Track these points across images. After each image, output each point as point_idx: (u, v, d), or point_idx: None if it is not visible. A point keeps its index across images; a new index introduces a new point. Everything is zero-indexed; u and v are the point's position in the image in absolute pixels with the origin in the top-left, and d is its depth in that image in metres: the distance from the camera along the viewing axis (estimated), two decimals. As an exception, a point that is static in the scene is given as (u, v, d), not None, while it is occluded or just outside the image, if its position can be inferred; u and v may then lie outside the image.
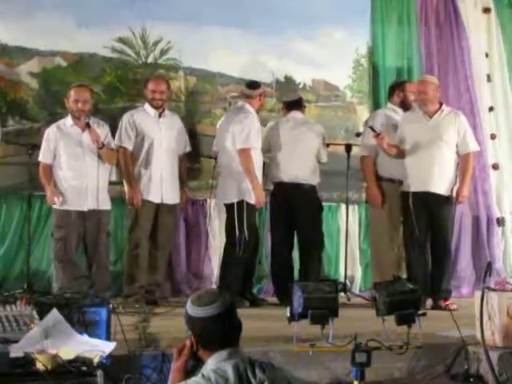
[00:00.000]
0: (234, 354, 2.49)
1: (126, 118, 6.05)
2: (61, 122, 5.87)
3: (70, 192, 5.74)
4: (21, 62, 6.44)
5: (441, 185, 5.97)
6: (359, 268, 7.03)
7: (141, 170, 6.01)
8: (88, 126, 5.69)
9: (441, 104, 6.15)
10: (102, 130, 5.87)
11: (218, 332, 2.51)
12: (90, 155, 5.76)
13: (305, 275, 6.07)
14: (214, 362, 2.47)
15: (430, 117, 6.07)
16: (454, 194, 5.98)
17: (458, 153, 6.05)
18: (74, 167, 5.77)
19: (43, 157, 5.80)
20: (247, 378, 2.42)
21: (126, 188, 5.99)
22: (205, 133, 6.92)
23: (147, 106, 6.11)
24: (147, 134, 6.00)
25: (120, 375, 3.42)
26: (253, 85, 6.23)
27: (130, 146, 5.98)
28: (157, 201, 6.01)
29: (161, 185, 6.02)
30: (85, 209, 5.73)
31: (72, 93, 5.79)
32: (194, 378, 2.44)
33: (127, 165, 5.97)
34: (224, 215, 6.24)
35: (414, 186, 5.99)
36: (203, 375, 2.42)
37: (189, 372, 2.59)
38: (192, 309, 2.55)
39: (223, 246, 6.29)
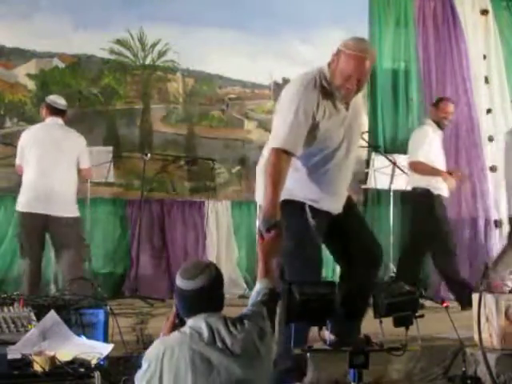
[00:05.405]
0: (210, 315, 2.61)
1: None
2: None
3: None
4: (18, 63, 6.45)
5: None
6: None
7: None
8: None
9: None
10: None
11: (198, 305, 2.61)
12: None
13: None
14: (191, 321, 2.63)
15: (348, 104, 3.73)
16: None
17: None
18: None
19: None
20: (218, 331, 2.56)
21: None
22: (203, 135, 6.93)
23: None
24: None
25: (118, 377, 3.41)
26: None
27: None
28: None
29: None
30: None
31: None
32: (173, 333, 2.65)
33: None
34: (221, 217, 6.22)
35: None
36: (180, 331, 2.61)
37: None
38: (177, 279, 2.65)
39: (220, 247, 6.27)
